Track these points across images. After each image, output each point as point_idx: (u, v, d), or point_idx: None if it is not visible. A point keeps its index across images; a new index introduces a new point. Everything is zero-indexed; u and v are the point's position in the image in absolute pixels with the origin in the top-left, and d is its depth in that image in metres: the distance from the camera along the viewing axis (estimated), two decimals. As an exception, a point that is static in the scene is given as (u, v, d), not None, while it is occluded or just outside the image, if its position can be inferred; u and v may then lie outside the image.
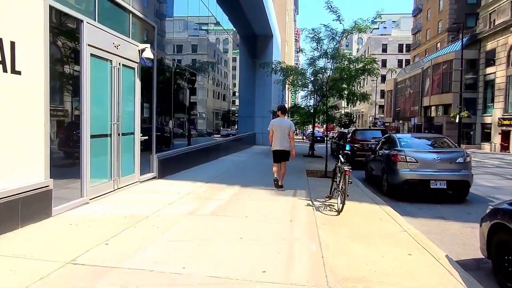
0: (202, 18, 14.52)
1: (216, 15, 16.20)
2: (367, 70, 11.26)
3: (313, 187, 9.15)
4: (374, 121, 56.37)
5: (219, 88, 22.30)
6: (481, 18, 37.82)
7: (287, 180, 9.93)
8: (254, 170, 12.39)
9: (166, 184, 8.60)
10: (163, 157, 9.42)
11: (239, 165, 13.58)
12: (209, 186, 8.66)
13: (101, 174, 6.91)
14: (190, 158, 11.55)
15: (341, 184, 6.59)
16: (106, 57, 6.85)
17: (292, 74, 18.60)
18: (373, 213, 6.66)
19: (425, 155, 8.53)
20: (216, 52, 18.98)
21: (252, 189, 8.44)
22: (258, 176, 10.88)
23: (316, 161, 16.31)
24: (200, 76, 15.11)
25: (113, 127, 7.13)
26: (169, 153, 9.93)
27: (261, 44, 25.99)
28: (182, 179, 9.39)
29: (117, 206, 6.25)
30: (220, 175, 10.56)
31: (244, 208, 6.51)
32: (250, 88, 25.98)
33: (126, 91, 7.74)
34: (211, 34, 17.31)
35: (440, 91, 39.64)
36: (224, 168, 12.24)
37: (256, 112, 26.32)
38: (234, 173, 11.21)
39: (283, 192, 8.27)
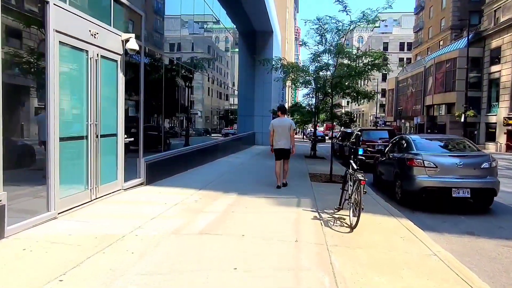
0: (198, 10, 13.50)
1: (213, 8, 15.19)
2: (376, 65, 10.25)
3: (318, 194, 8.15)
4: (375, 121, 55.34)
5: (218, 87, 21.38)
6: (486, 16, 36.78)
7: (290, 185, 8.97)
8: (253, 173, 11.40)
9: (153, 192, 7.59)
10: (152, 161, 8.42)
11: (237, 167, 12.58)
12: (202, 194, 7.66)
13: (74, 183, 5.92)
14: (183, 160, 10.55)
15: (354, 195, 5.61)
16: (80, 47, 5.85)
17: (294, 71, 17.73)
18: (392, 229, 5.66)
19: (445, 159, 7.52)
20: (213, 49, 17.97)
21: (250, 198, 7.45)
22: (258, 181, 9.89)
23: (318, 163, 15.33)
24: (197, 73, 14.12)
25: (90, 127, 6.14)
26: (159, 156, 8.93)
27: (261, 41, 24.95)
28: (172, 185, 8.39)
29: (90, 222, 5.25)
30: (215, 179, 9.56)
31: (240, 224, 5.52)
32: (250, 86, 24.98)
33: (107, 87, 6.75)
34: (208, 30, 16.32)
35: (443, 89, 38.63)
36: (220, 171, 11.24)
37: (256, 111, 25.32)
38: (231, 178, 10.21)
39: (285, 200, 7.29)
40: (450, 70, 37.63)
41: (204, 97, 17.30)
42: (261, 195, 7.75)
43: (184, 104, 12.99)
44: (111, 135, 6.86)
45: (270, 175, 10.87)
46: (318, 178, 10.80)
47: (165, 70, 10.00)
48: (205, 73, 15.82)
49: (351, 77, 10.50)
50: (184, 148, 10.82)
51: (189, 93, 13.41)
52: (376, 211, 6.75)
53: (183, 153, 10.60)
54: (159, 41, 9.70)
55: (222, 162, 13.85)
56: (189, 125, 13.51)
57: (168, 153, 9.55)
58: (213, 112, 21.00)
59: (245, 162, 14.57)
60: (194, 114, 17.99)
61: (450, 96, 37.54)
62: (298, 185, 9.40)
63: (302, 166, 13.82)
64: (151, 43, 8.99)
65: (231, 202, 7.01)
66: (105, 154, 6.67)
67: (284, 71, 18.36)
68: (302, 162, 15.17)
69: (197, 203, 6.79)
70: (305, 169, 12.94)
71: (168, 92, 10.29)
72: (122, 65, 7.06)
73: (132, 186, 7.66)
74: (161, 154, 9.12)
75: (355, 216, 5.47)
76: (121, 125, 7.13)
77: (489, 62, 35.21)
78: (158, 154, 9.06)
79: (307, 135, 47.02)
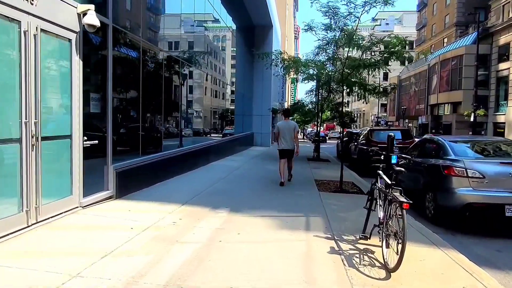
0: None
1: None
2: (395, 53, 8.57)
3: (330, 210, 6.48)
4: (377, 121, 53.68)
5: (217, 86, 19.90)
6: (493, 11, 35.15)
7: (294, 196, 7.31)
8: (250, 180, 9.71)
9: (121, 209, 5.91)
10: (124, 168, 6.73)
11: (233, 173, 10.88)
12: (185, 211, 5.98)
13: (0, 203, 4.25)
14: (169, 166, 8.88)
15: (391, 222, 3.95)
16: (6, 14, 4.18)
17: (294, 66, 16.14)
18: (443, 269, 3.98)
19: (494, 167, 5.83)
20: (206, 41, 16.29)
21: (245, 217, 5.77)
22: (256, 190, 8.21)
23: (323, 166, 13.67)
24: (191, 67, 12.46)
25: (27, 127, 4.47)
26: (134, 162, 7.23)
27: (259, 36, 23.25)
28: (150, 198, 6.70)
29: (4, 265, 3.57)
30: (205, 189, 7.87)
31: (228, 265, 3.84)
32: (248, 84, 23.30)
33: (55, 73, 5.08)
34: (200, 25, 14.65)
35: (449, 88, 36.97)
36: (212, 178, 9.54)
37: (254, 110, 23.63)
38: (224, 187, 8.51)
39: (290, 221, 5.61)
40: (456, 68, 35.98)
41: (202, 95, 15.82)
42: (259, 212, 6.09)
43: (175, 101, 11.36)
44: (61, 137, 5.18)
45: (270, 182, 9.20)
46: (326, 187, 9.14)
47: (148, 58, 8.34)
48: (199, 67, 14.17)
49: (366, 67, 8.82)
50: (168, 152, 9.13)
51: (181, 90, 11.80)
52: (410, 236, 5.08)
53: (168, 158, 8.92)
54: (134, 22, 7.99)
55: (216, 167, 12.17)
56: (182, 124, 11.90)
57: (146, 158, 7.86)
58: (212, 111, 19.50)
59: (242, 166, 12.89)
60: (191, 114, 16.39)
61: (456, 94, 35.90)
62: (304, 195, 7.73)
63: (306, 170, 12.15)
64: (125, 23, 7.32)
65: (220, 224, 5.33)
66: (52, 162, 5.00)
67: (284, 66, 16.81)
68: (305, 166, 13.51)
69: (175, 226, 5.11)
70: (310, 174, 11.27)
71: (151, 86, 8.62)
72: (78, 46, 5.37)
73: (95, 201, 5.98)
74: (137, 160, 7.42)
75: (388, 247, 3.84)
76: (78, 124, 5.44)
77: (497, 59, 33.58)
78: (135, 159, 7.38)
79: (308, 136, 45.40)
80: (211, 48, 17.50)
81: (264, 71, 23.67)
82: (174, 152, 9.46)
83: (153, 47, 9.06)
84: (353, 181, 10.14)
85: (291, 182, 9.57)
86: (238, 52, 22.23)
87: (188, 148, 10.67)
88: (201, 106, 17.55)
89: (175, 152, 9.51)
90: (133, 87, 7.67)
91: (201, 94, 16.30)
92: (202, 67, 14.81)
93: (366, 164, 12.20)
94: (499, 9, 34.18)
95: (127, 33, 7.43)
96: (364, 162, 12.31)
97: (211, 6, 14.72)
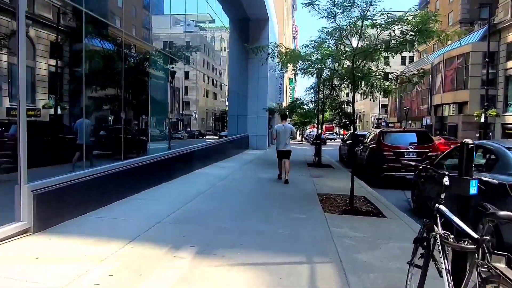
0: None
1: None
2: (423, 31, 6.50)
3: (344, 248, 4.42)
4: (378, 122, 51.71)
5: (214, 87, 18.14)
6: (501, 7, 33.21)
7: (292, 224, 5.21)
8: (236, 198, 7.61)
9: (25, 255, 3.83)
10: (49, 189, 4.68)
11: (216, 186, 8.78)
12: (124, 257, 3.91)
13: None
14: (129, 179, 6.83)
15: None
16: None
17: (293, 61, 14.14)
18: None
19: None
20: (193, 30, 14.27)
21: (215, 269, 3.70)
22: (240, 214, 6.14)
23: (326, 174, 11.62)
24: (177, 63, 10.48)
25: None
26: (67, 179, 5.16)
27: (255, 30, 21.22)
28: (84, 232, 4.63)
29: None
30: (169, 215, 5.75)
31: None
32: (243, 82, 21.29)
33: None
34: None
35: (454, 87, 34.99)
36: (187, 195, 7.41)
37: (250, 111, 21.60)
38: (197, 209, 6.34)
39: (286, 279, 3.54)
40: (461, 66, 34.00)
41: (197, 96, 14.13)
42: (240, 254, 4.04)
43: (163, 101, 9.52)
44: None
45: (263, 197, 7.16)
46: (332, 204, 7.10)
47: (131, 53, 6.34)
48: (194, 64, 12.19)
49: (389, 49, 6.79)
50: (131, 161, 7.08)
51: (174, 90, 9.92)
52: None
53: (129, 168, 6.87)
54: (114, 11, 5.99)
55: (199, 176, 10.10)
56: (170, 126, 10.11)
57: (92, 171, 5.80)
58: (208, 113, 17.86)
59: (231, 174, 10.82)
60: (187, 116, 14.71)
61: (462, 94, 33.92)
62: (305, 220, 5.68)
63: (306, 180, 10.10)
64: (104, 11, 5.34)
65: (173, 284, 3.28)
66: None
67: (282, 61, 14.81)
68: (305, 173, 11.46)
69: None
70: (311, 185, 9.22)
71: (135, 84, 6.71)
72: None
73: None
74: (74, 175, 5.35)
75: None
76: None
77: (505, 57, 31.62)
78: (68, 174, 5.32)
79: (307, 137, 43.36)
80: (204, 44, 15.52)
81: (260, 69, 21.69)
82: (139, 160, 7.40)
83: (137, 41, 7.11)
84: (364, 196, 8.11)
85: (289, 195, 7.57)
86: (232, 48, 20.25)
87: (161, 155, 8.60)
88: (196, 108, 15.77)
89: (141, 161, 7.45)
90: (112, 84, 5.71)
91: (197, 95, 14.70)
92: (195, 64, 12.87)
93: (378, 171, 10.18)
94: (507, 4, 32.23)
95: (106, 22, 5.41)
96: (375, 170, 10.28)
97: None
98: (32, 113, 5.28)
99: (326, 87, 14.67)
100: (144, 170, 7.42)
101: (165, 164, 8.48)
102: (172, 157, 9.12)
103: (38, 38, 5.33)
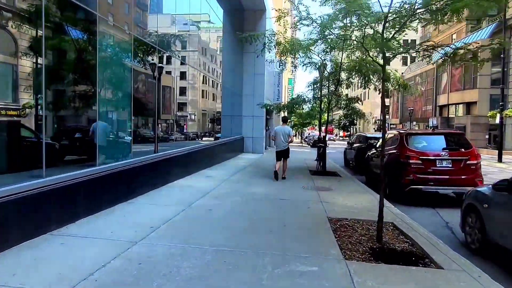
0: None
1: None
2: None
3: None
4: (380, 123, 49.42)
5: (212, 88, 16.17)
6: (511, 2, 31.05)
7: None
8: (213, 236, 5.15)
9: None
10: None
11: (189, 211, 6.37)
12: None
13: None
14: (45, 206, 4.56)
15: None
16: None
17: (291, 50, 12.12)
18: None
19: None
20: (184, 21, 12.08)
21: None
22: (216, 271, 3.82)
23: (334, 185, 9.30)
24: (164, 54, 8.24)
25: None
26: None
27: (250, 22, 18.93)
28: None
29: None
30: (86, 277, 3.51)
31: None
32: (237, 79, 19.03)
33: None
34: None
35: (462, 87, 32.79)
36: (141, 228, 5.02)
37: (245, 110, 19.33)
38: (139, 266, 4.03)
39: None
40: (470, 64, 31.78)
41: (193, 96, 12.16)
42: None
43: (149, 100, 7.47)
44: None
45: (253, 235, 4.80)
46: (352, 241, 4.83)
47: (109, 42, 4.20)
48: (171, 52, 9.96)
49: (434, 13, 4.58)
50: (64, 177, 4.80)
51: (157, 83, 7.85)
52: None
53: (61, 188, 4.59)
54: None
55: (172, 191, 7.80)
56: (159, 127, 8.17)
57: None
58: (203, 114, 15.95)
59: (216, 189, 8.51)
60: (181, 117, 12.90)
61: (470, 94, 31.71)
62: (316, 280, 3.40)
63: (311, 196, 7.80)
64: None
65: None
66: None
67: (280, 51, 12.66)
68: (309, 185, 9.16)
69: None
70: (318, 204, 6.91)
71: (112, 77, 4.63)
72: None
73: None
74: None
75: None
76: None
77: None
78: None
79: (306, 139, 41.08)
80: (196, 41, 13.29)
81: (256, 64, 19.42)
82: (73, 176, 5.09)
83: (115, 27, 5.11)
84: (392, 221, 5.85)
85: (290, 224, 5.30)
86: (225, 39, 17.99)
87: (118, 165, 6.30)
88: (192, 108, 13.75)
89: (78, 177, 5.15)
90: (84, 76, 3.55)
91: (193, 95, 12.83)
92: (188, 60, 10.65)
93: (400, 185, 7.91)
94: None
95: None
96: (397, 182, 8.00)
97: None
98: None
99: (331, 82, 12.43)
100: (82, 189, 5.12)
101: (123, 176, 6.19)
102: (136, 167, 6.83)
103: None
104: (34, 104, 4.98)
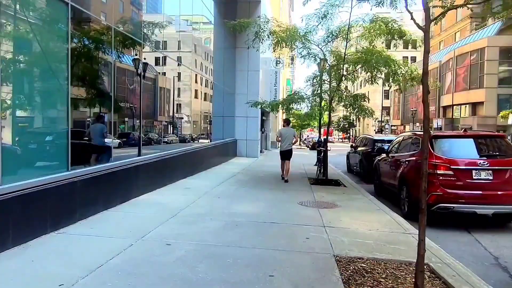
0: None
1: None
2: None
3: None
4: (380, 125, 47.68)
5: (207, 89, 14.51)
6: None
7: None
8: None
9: None
10: None
11: (141, 246, 4.60)
12: None
13: None
14: None
15: None
16: None
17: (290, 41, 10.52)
18: None
19: None
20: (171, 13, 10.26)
21: None
22: None
23: (340, 199, 7.47)
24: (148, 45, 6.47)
25: None
26: None
27: (243, 14, 17.13)
28: None
29: None
30: None
31: None
32: (230, 77, 17.24)
33: None
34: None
35: (467, 87, 31.04)
36: (49, 284, 3.34)
37: (238, 111, 17.52)
38: None
39: None
40: (476, 63, 30.05)
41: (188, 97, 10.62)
42: None
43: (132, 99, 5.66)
44: None
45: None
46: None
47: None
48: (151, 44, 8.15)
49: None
50: None
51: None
52: None
53: None
54: None
55: (134, 210, 5.98)
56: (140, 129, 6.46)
57: None
58: (199, 115, 14.30)
59: (191, 207, 6.66)
60: (180, 119, 11.79)
61: (476, 94, 29.98)
62: None
63: (312, 218, 5.96)
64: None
65: None
66: None
67: (275, 42, 10.98)
68: (309, 200, 7.32)
69: None
70: (320, 231, 5.09)
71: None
72: None
73: None
74: None
75: None
76: None
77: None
78: None
79: (305, 142, 39.28)
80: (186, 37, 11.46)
81: (250, 60, 17.61)
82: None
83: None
84: (427, 262, 4.04)
85: (281, 284, 3.47)
86: (215, 33, 16.19)
87: (47, 180, 4.46)
88: (189, 109, 12.09)
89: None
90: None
91: (188, 96, 11.32)
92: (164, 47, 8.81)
93: (431, 200, 6.06)
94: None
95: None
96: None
97: None
98: None
99: (333, 77, 10.62)
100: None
101: (50, 195, 4.34)
102: (76, 181, 4.98)
103: None
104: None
